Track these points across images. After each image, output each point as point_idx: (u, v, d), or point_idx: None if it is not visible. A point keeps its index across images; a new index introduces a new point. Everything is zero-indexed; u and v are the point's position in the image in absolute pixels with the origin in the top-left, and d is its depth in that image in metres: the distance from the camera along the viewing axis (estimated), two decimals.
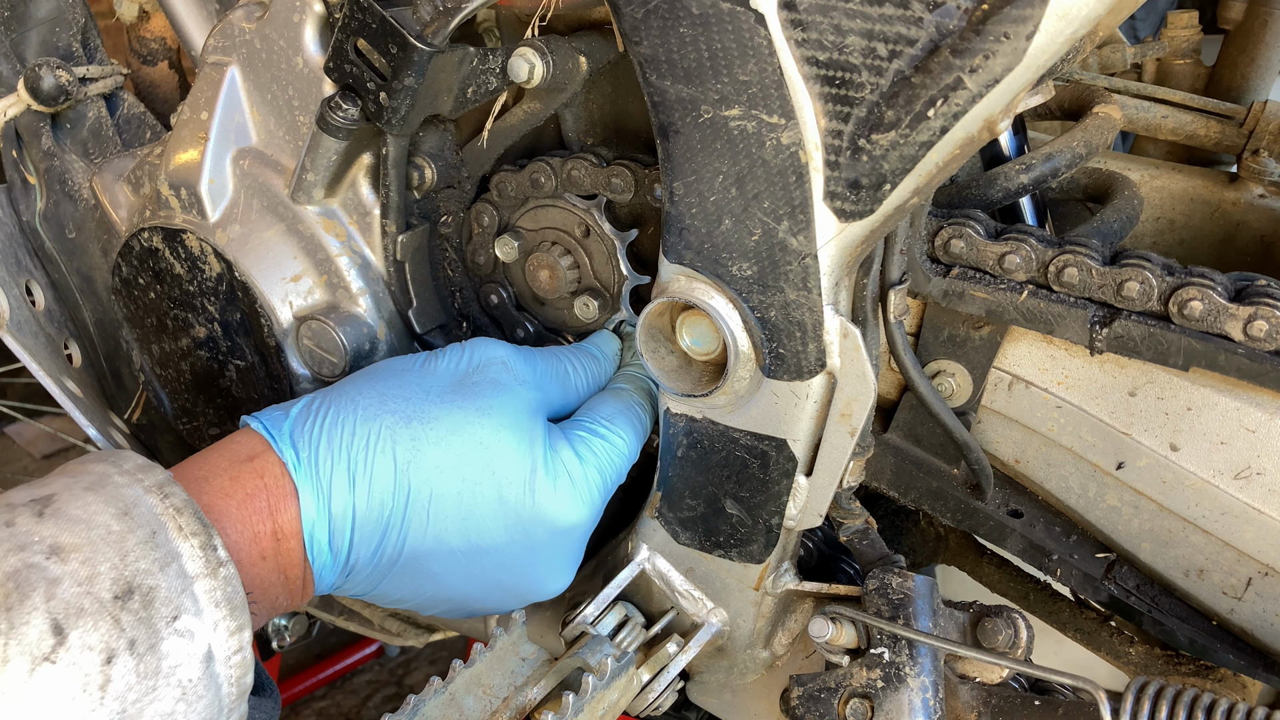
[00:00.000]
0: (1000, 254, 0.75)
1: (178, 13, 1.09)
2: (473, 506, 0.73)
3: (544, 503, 0.75)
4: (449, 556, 0.74)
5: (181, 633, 0.57)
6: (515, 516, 0.74)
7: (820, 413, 0.74)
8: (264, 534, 0.68)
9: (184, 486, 0.64)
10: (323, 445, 0.71)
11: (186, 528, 0.60)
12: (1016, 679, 0.82)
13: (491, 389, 0.77)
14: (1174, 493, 0.76)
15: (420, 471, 0.72)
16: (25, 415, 1.98)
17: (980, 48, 0.57)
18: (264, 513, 0.68)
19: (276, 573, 0.68)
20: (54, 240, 1.13)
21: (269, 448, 0.71)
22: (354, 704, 2.32)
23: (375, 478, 0.71)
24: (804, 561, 0.94)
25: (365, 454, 0.71)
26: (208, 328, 0.97)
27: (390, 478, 0.71)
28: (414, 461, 0.72)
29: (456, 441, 0.73)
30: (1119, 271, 0.72)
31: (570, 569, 0.80)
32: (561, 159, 0.86)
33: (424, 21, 0.78)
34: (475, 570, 0.75)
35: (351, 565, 0.72)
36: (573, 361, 0.84)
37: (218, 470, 0.69)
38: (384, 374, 0.78)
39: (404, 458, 0.72)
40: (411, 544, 0.72)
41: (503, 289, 0.94)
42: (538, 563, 0.77)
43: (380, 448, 0.71)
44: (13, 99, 1.07)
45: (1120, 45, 1.32)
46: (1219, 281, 0.71)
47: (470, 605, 0.80)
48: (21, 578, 0.54)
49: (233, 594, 0.60)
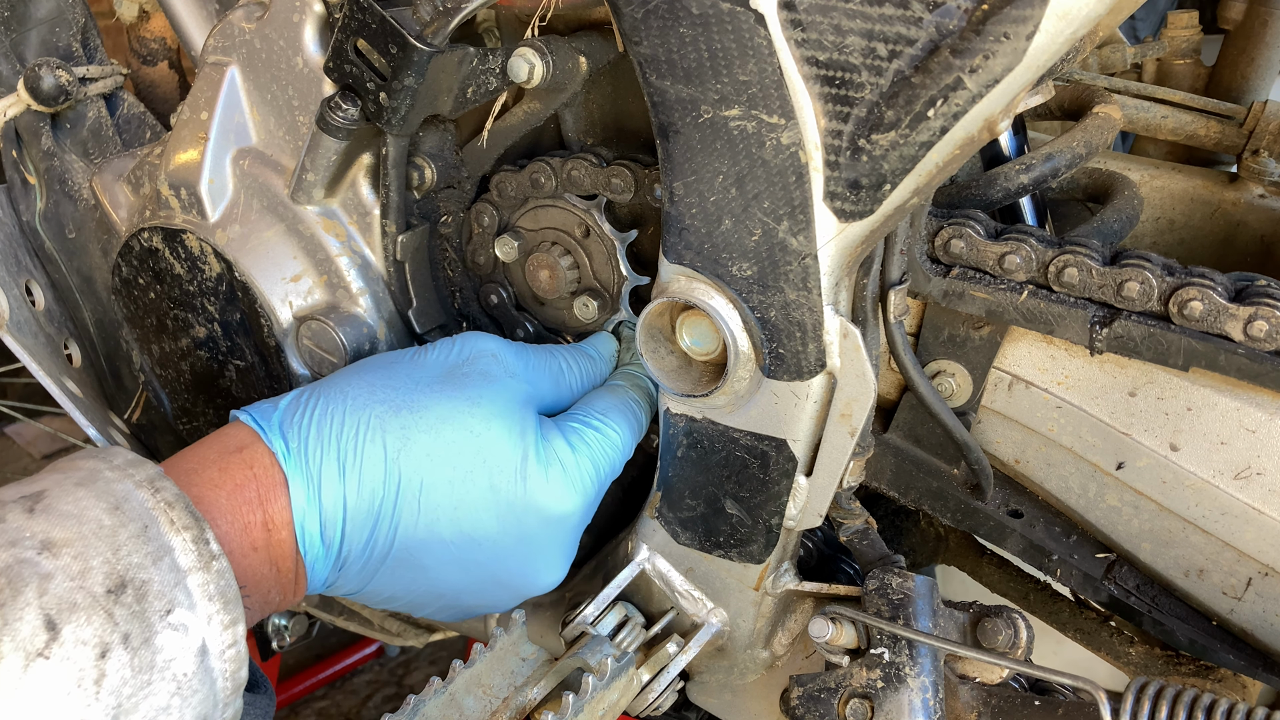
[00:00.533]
0: (1000, 254, 0.75)
1: (178, 13, 1.09)
2: (464, 495, 0.73)
3: (536, 491, 0.75)
4: (441, 548, 0.73)
5: (175, 626, 0.57)
6: (507, 505, 0.74)
7: (820, 413, 0.74)
8: (254, 524, 0.67)
9: (174, 480, 0.63)
10: (312, 435, 0.71)
11: (178, 521, 0.60)
12: (1016, 679, 0.82)
13: (481, 379, 0.77)
14: (1174, 493, 0.76)
15: (411, 460, 0.71)
16: (25, 415, 1.98)
17: (980, 48, 0.57)
18: (254, 503, 0.68)
19: (268, 565, 0.68)
20: (54, 240, 1.13)
21: (258, 439, 0.71)
22: (354, 704, 2.32)
23: (365, 467, 0.70)
24: (804, 561, 0.94)
25: (355, 443, 0.71)
26: (207, 328, 0.97)
27: (380, 467, 0.71)
28: (404, 450, 0.72)
29: (447, 430, 0.73)
30: (1119, 271, 0.72)
31: (564, 561, 0.80)
32: (561, 159, 0.86)
33: (424, 21, 0.78)
34: (468, 562, 0.75)
35: (344, 558, 0.71)
36: (567, 359, 0.84)
37: (206, 462, 0.69)
38: (373, 366, 0.78)
39: (394, 446, 0.71)
40: (403, 535, 0.72)
41: (503, 289, 0.94)
42: (530, 554, 0.77)
43: (370, 437, 0.71)
44: (13, 99, 1.07)
45: (1120, 45, 1.32)
46: (1219, 281, 0.71)
47: (463, 601, 0.79)
48: (13, 573, 0.54)
49: (226, 588, 0.60)
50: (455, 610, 0.80)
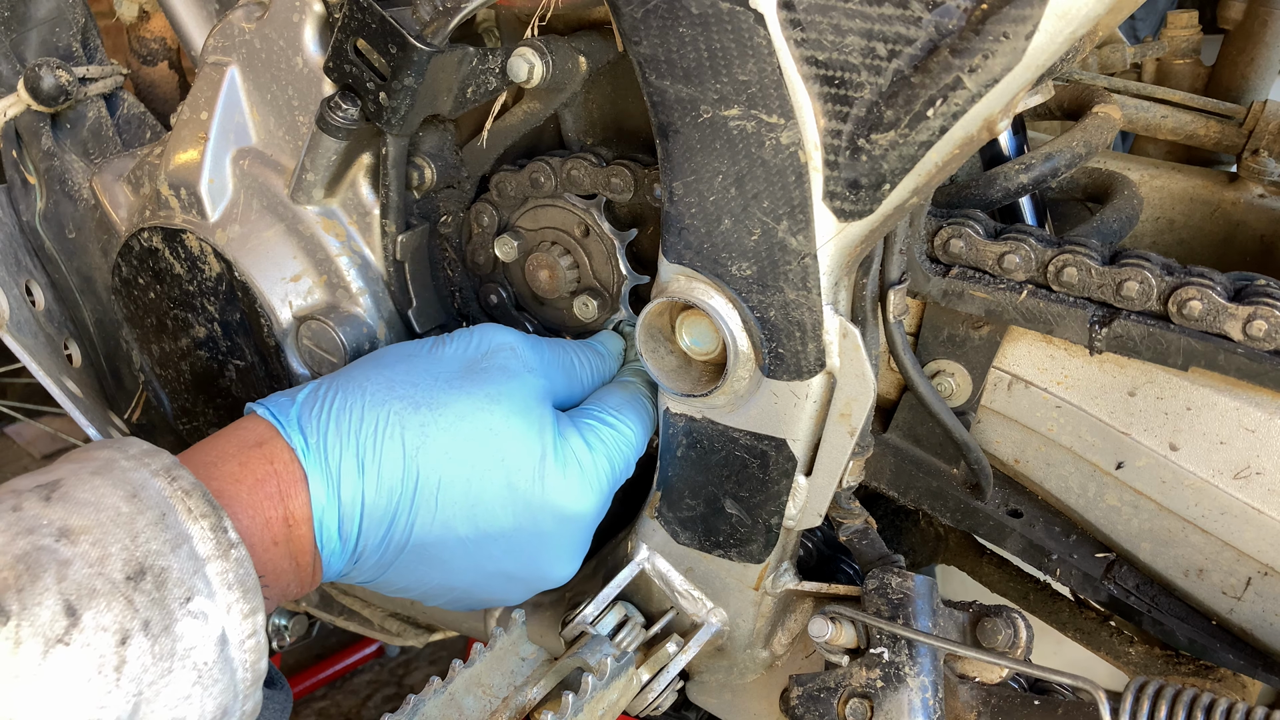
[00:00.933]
0: (1000, 254, 0.75)
1: (178, 13, 1.09)
2: (481, 493, 0.73)
3: (553, 490, 0.74)
4: (457, 544, 0.73)
5: (195, 614, 0.56)
6: (524, 504, 0.74)
7: (820, 412, 0.74)
8: (275, 519, 0.67)
9: (191, 471, 0.63)
10: (331, 431, 0.70)
11: (196, 510, 0.59)
12: (1016, 679, 0.82)
13: (500, 375, 0.76)
14: (1173, 492, 0.76)
15: (429, 458, 0.71)
16: (25, 415, 1.98)
17: (980, 47, 0.57)
18: (275, 498, 0.67)
19: (288, 559, 0.68)
20: (54, 240, 1.13)
21: (276, 433, 0.70)
22: (354, 704, 2.32)
23: (384, 464, 0.70)
24: (804, 561, 0.94)
25: (374, 440, 0.70)
26: (207, 328, 0.97)
27: (399, 464, 0.70)
28: (423, 447, 0.71)
29: (466, 427, 0.72)
30: (1118, 271, 0.72)
31: (577, 557, 0.80)
32: (561, 159, 0.86)
33: (424, 21, 0.78)
34: (482, 557, 0.75)
35: (360, 552, 0.71)
36: (579, 354, 0.84)
37: (226, 455, 0.68)
38: (391, 359, 0.77)
39: (413, 443, 0.71)
40: (419, 531, 0.72)
41: (502, 289, 0.94)
42: (545, 550, 0.77)
43: (389, 433, 0.70)
44: (13, 99, 1.07)
45: (1120, 45, 1.32)
46: (1218, 281, 0.71)
47: (475, 594, 0.79)
48: (32, 559, 0.53)
49: (245, 576, 0.59)
50: (467, 601, 0.80)
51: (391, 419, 0.71)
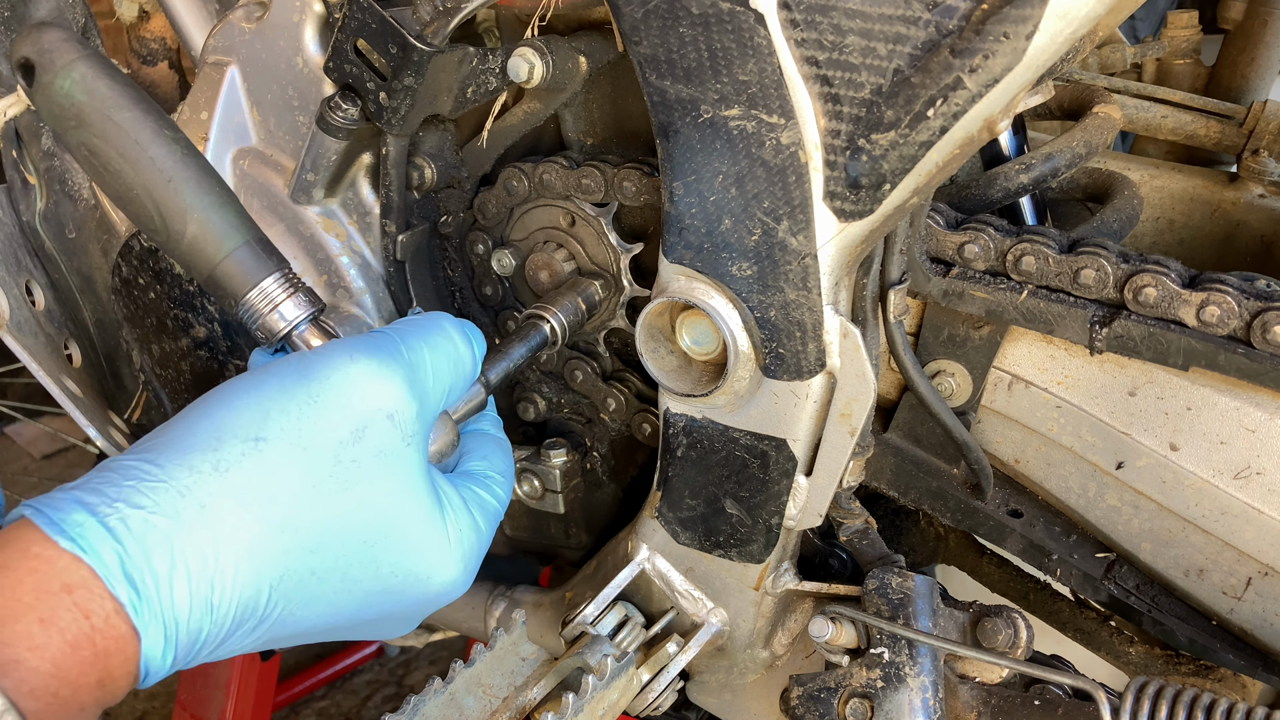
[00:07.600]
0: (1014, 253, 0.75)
1: (178, 13, 1.09)
2: (347, 599, 0.65)
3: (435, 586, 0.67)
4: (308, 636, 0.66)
5: None
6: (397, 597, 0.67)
7: (820, 413, 0.74)
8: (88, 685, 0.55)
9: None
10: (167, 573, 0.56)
11: None
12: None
13: (376, 465, 0.64)
14: (1174, 492, 0.76)
15: (291, 585, 0.62)
16: (25, 415, 1.98)
17: (980, 47, 0.57)
18: (89, 663, 0.55)
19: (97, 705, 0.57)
20: (54, 240, 1.13)
21: (90, 575, 0.55)
22: (354, 704, 2.32)
23: (238, 601, 0.59)
24: (803, 559, 0.94)
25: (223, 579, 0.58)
26: (208, 327, 0.97)
27: (254, 598, 0.60)
28: (284, 578, 0.61)
29: (335, 544, 0.63)
30: (1128, 269, 0.72)
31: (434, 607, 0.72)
32: (534, 164, 0.87)
33: (424, 21, 0.78)
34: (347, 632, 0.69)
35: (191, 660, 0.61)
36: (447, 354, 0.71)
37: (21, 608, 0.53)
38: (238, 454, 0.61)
39: (271, 575, 0.60)
40: (270, 634, 0.63)
41: (516, 312, 0.95)
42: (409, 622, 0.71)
43: (244, 568, 0.59)
44: (13, 99, 1.07)
45: (1120, 45, 1.32)
46: (1227, 282, 0.71)
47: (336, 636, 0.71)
48: None
49: None
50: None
51: (246, 551, 0.59)
